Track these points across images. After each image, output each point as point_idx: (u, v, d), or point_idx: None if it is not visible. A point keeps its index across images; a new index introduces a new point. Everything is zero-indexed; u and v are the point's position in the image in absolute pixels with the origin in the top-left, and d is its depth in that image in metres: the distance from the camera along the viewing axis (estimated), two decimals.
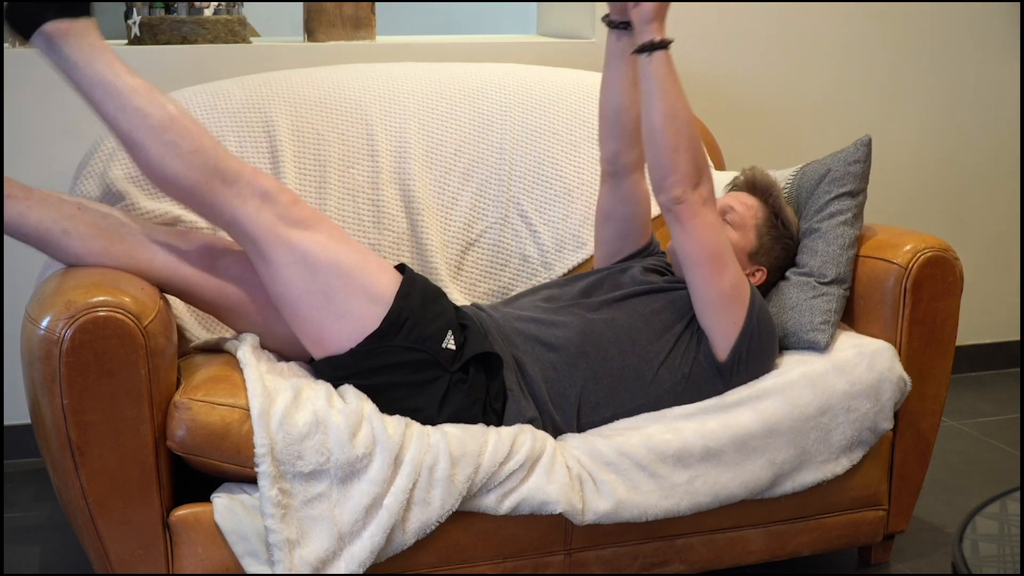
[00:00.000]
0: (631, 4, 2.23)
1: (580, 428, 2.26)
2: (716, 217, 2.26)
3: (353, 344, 2.15)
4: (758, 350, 2.31)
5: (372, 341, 2.15)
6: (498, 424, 2.21)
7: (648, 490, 2.20)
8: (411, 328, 2.16)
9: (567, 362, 2.26)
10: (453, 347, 2.18)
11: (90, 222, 2.16)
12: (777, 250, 2.48)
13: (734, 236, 2.44)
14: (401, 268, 2.31)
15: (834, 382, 2.34)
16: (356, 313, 2.15)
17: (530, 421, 2.22)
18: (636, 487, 2.20)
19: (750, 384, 2.32)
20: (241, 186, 2.12)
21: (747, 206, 2.47)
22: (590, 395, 2.26)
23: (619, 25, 2.39)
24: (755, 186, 2.51)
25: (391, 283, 2.19)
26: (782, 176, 2.64)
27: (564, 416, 2.25)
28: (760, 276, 2.47)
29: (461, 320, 2.26)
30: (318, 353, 2.19)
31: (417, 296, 2.20)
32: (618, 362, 2.28)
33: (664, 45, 2.21)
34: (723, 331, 2.28)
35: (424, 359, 2.16)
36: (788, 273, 2.51)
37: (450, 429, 2.14)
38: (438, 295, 2.27)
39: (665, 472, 2.22)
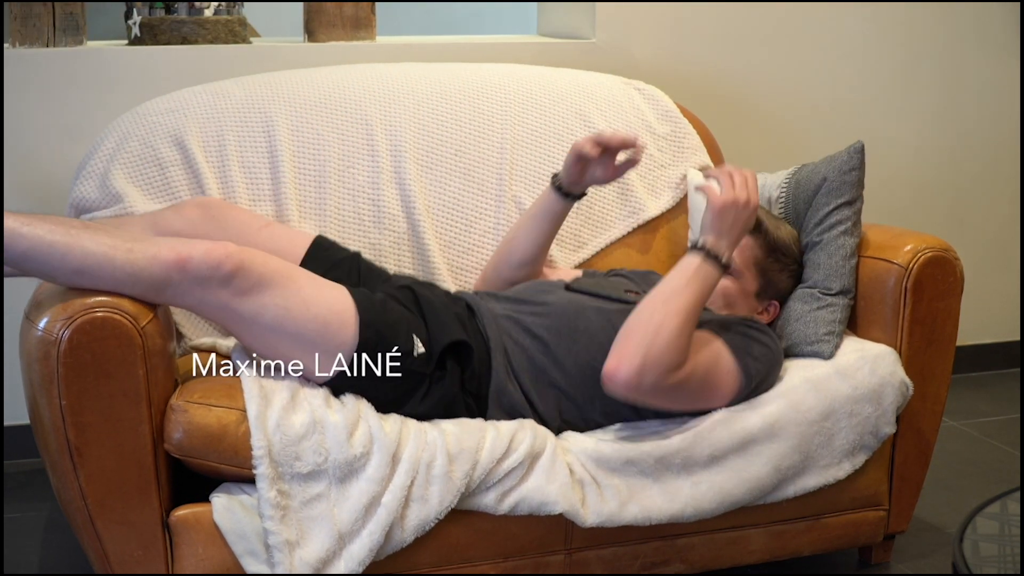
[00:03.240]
0: (710, 198, 2.17)
1: (562, 425, 2.25)
2: (680, 373, 2.15)
3: (330, 377, 2.14)
4: (757, 390, 2.30)
5: (345, 375, 2.13)
6: (479, 405, 2.21)
7: (653, 495, 2.19)
8: (381, 354, 2.14)
9: (550, 352, 2.25)
10: (423, 349, 2.17)
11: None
12: (784, 279, 2.47)
13: (736, 284, 2.42)
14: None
15: (837, 386, 2.33)
16: (329, 363, 2.12)
17: (515, 406, 2.21)
18: (641, 492, 2.19)
19: None
20: (175, 287, 2.03)
21: (740, 248, 2.42)
22: (571, 390, 2.25)
23: (569, 195, 2.41)
24: None
25: (349, 323, 2.12)
26: (775, 181, 2.63)
27: (546, 407, 2.24)
28: (773, 311, 2.46)
29: (418, 303, 2.24)
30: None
31: (376, 315, 2.15)
32: (596, 355, 2.24)
33: (721, 264, 2.17)
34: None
35: (401, 376, 2.15)
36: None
37: (447, 426, 2.14)
38: (384, 301, 2.21)
39: (670, 478, 2.21)
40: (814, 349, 2.40)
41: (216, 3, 3.03)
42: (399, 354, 2.14)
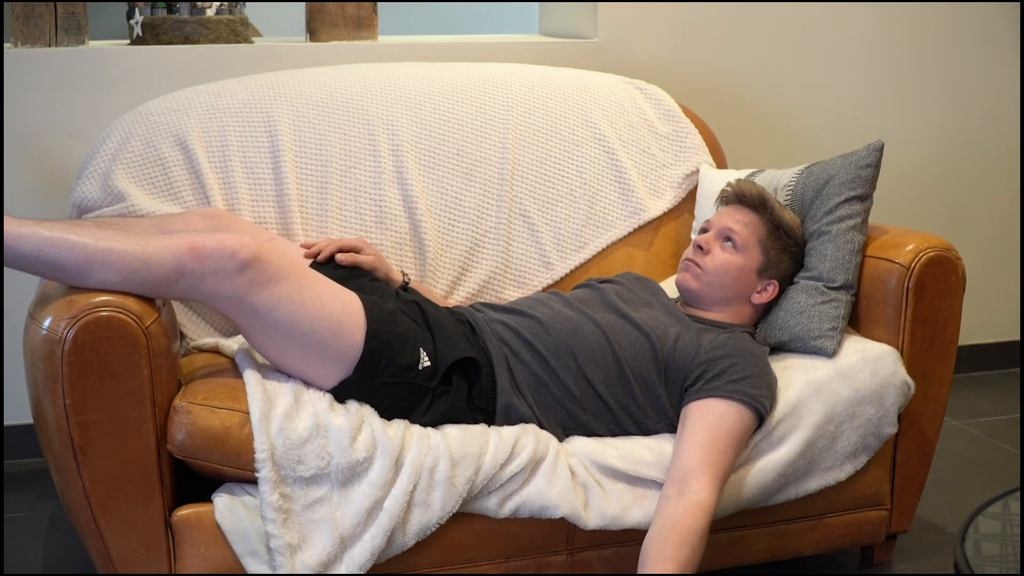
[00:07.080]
0: None
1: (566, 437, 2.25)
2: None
3: (335, 386, 2.14)
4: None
5: (349, 384, 2.13)
6: (488, 420, 2.21)
7: (656, 498, 2.19)
8: (386, 365, 2.13)
9: (551, 368, 2.26)
10: (429, 363, 2.17)
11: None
12: (785, 260, 2.46)
13: (739, 258, 2.41)
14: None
15: (838, 389, 2.33)
16: (332, 371, 2.12)
17: (523, 419, 2.21)
18: (644, 496, 2.19)
19: None
20: (186, 280, 2.01)
21: (746, 223, 2.43)
22: (574, 407, 2.25)
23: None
24: (747, 200, 2.46)
25: (359, 327, 2.12)
26: (786, 176, 2.63)
27: (549, 422, 2.24)
28: (772, 291, 2.44)
29: (425, 319, 2.24)
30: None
31: (384, 324, 2.15)
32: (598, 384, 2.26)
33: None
34: None
35: (404, 388, 2.15)
36: (796, 277, 2.49)
37: (451, 430, 2.14)
38: (393, 313, 2.21)
39: None
40: (817, 345, 2.40)
41: (218, 3, 3.03)
42: (401, 368, 2.15)
